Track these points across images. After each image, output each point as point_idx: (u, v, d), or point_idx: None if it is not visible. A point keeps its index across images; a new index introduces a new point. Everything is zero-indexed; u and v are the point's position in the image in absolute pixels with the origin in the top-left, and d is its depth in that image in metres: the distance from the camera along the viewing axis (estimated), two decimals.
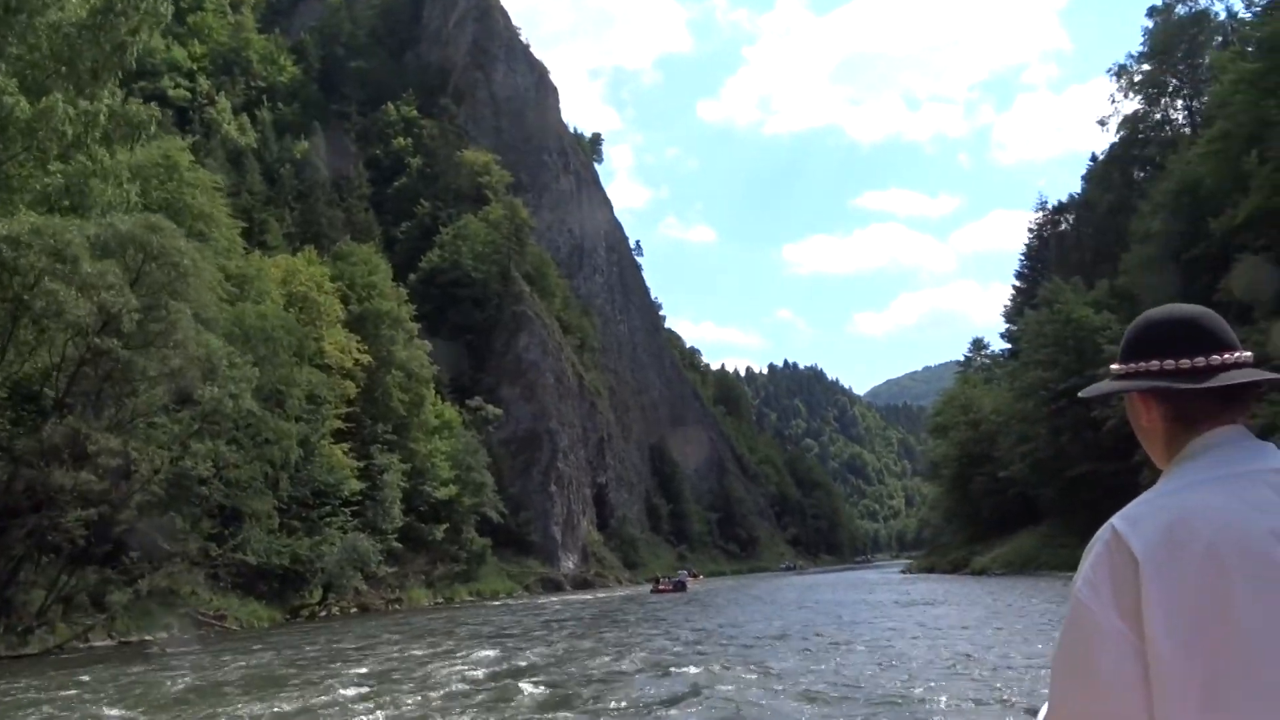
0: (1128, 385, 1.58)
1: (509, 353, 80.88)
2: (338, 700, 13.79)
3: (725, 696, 12.09)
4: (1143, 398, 1.59)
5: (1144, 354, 1.57)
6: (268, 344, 33.21)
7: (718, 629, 24.21)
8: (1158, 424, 1.58)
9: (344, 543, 42.54)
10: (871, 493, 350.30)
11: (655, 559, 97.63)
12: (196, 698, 15.77)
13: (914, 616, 24.33)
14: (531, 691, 13.40)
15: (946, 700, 10.99)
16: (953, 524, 60.26)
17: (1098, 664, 1.38)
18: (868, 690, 12.15)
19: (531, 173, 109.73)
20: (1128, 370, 1.59)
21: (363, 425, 52.50)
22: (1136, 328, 1.62)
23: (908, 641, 17.85)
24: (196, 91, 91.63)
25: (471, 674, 15.92)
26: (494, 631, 27.76)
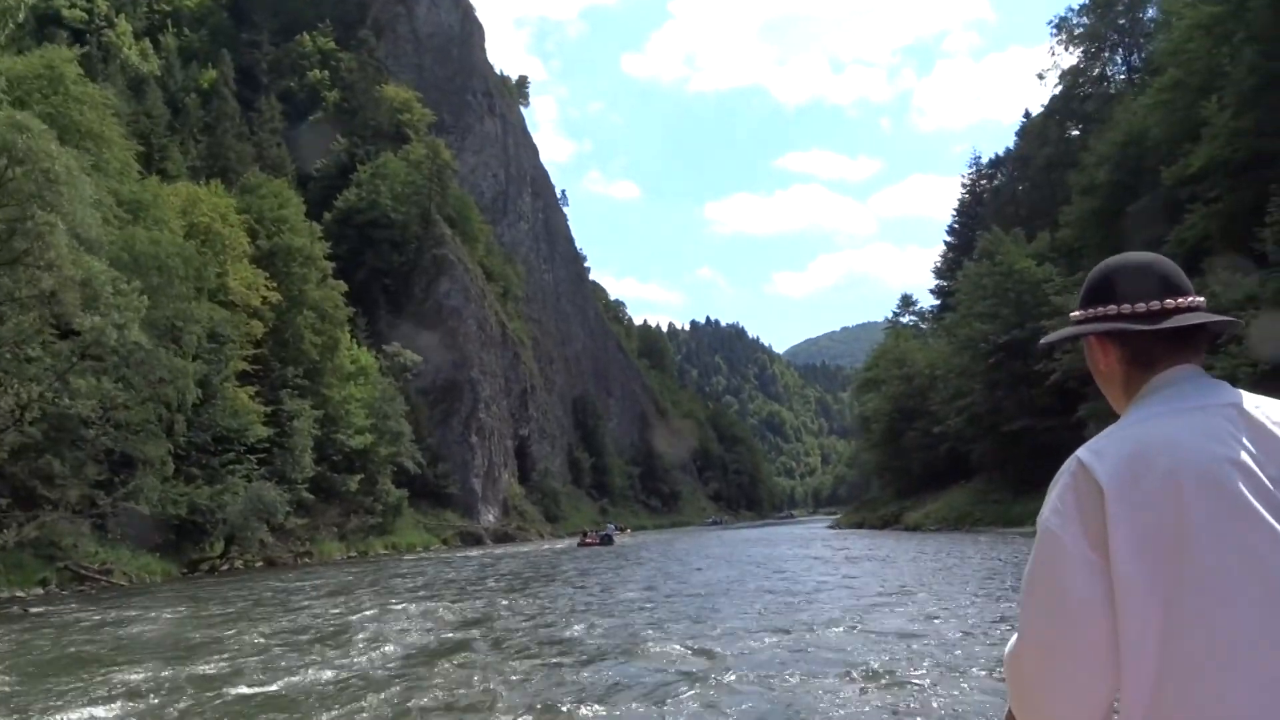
0: (1086, 329, 1.63)
1: (429, 298, 77.56)
2: (234, 667, 11.53)
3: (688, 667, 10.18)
4: (1100, 341, 1.64)
5: (1102, 299, 1.62)
6: (161, 272, 29.97)
7: (663, 584, 22.37)
8: (1115, 366, 1.63)
9: (248, 492, 39.58)
10: (789, 450, 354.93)
11: (577, 513, 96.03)
12: (68, 664, 13.33)
13: (868, 572, 22.82)
14: (469, 657, 11.31)
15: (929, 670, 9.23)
16: (882, 479, 59.62)
17: (1067, 590, 1.42)
18: (847, 658, 10.34)
19: (455, 113, 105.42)
20: (1086, 315, 1.63)
21: (271, 369, 49.24)
22: (1094, 274, 1.66)
23: (870, 599, 16.20)
24: (94, 13, 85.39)
25: (399, 637, 13.74)
26: (417, 587, 25.53)
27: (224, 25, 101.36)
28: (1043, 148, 59.47)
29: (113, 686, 10.90)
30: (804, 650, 11.16)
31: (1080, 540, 1.42)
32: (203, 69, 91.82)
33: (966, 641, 11.28)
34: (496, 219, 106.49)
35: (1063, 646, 1.43)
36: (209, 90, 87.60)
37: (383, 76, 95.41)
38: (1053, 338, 1.79)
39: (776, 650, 11.20)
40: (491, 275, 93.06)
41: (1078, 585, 1.41)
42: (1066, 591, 1.42)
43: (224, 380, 42.07)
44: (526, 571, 31.93)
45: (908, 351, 57.87)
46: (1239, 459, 1.42)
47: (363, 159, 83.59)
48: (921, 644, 11.19)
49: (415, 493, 63.87)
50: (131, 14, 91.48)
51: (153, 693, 10.38)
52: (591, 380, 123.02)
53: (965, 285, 47.17)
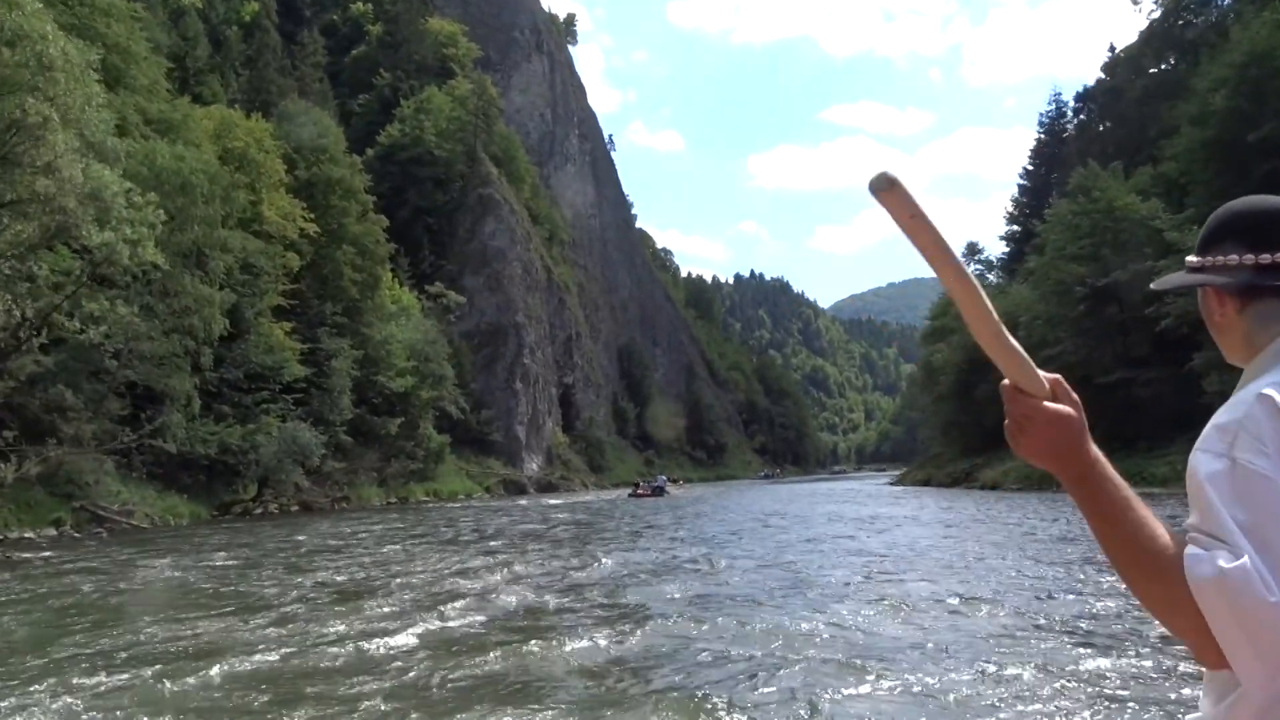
0: (1201, 279, 1.50)
1: (474, 239, 74.80)
2: (246, 627, 8.96)
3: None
4: (1217, 293, 1.50)
5: (1220, 248, 1.48)
6: (185, 191, 27.33)
7: (748, 543, 19.54)
8: (1234, 319, 1.48)
9: (282, 433, 37.31)
10: (832, 405, 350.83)
11: (621, 464, 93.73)
12: (60, 616, 11.00)
13: (979, 536, 19.79)
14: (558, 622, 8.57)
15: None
16: (948, 435, 56.20)
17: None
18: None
19: (501, 50, 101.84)
20: (1203, 264, 1.50)
21: (309, 306, 46.86)
22: (1216, 218, 1.52)
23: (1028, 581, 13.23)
24: None
25: (468, 600, 11.03)
26: (466, 537, 22.96)
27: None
28: (1135, 79, 54.95)
29: (92, 648, 8.42)
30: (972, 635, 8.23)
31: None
32: (244, 2, 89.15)
33: None
34: (543, 161, 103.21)
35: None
36: (250, 23, 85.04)
37: (428, 10, 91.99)
38: (1167, 284, 1.57)
39: (928, 631, 8.29)
40: (537, 218, 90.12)
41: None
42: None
43: (258, 315, 39.75)
44: (583, 521, 29.30)
45: None
46: None
47: (406, 94, 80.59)
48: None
49: (457, 439, 61.68)
50: None
51: (136, 660, 7.88)
52: (638, 329, 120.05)
53: (1054, 225, 43.23)
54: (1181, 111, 42.74)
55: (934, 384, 58.83)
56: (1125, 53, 58.89)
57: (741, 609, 10.46)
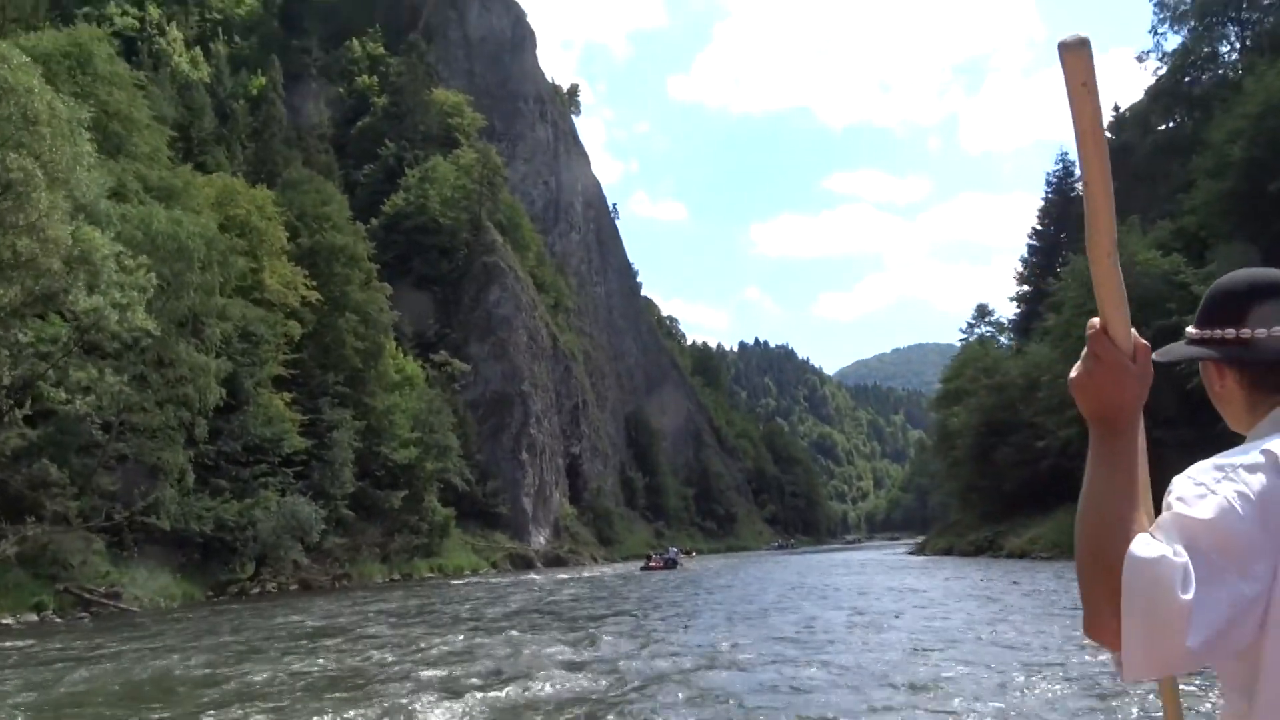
0: (1200, 353, 1.52)
1: (478, 307, 73.92)
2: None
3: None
4: (1216, 365, 1.53)
5: (1220, 320, 1.50)
6: (181, 256, 26.29)
7: (777, 632, 17.95)
8: (1234, 390, 1.51)
9: (281, 507, 35.79)
10: (840, 473, 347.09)
11: (631, 535, 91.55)
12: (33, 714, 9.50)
13: (1039, 613, 18.20)
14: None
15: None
16: (967, 501, 54.38)
17: (1245, 559, 1.25)
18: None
19: (506, 120, 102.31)
20: (1202, 336, 1.52)
21: (310, 375, 45.68)
22: (1213, 291, 1.55)
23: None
24: (146, 21, 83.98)
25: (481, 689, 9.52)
26: (473, 618, 21.34)
27: (274, 33, 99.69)
28: (1145, 136, 54.37)
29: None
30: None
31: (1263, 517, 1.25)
32: (252, 76, 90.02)
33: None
34: (547, 229, 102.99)
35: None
36: (257, 96, 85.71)
37: (432, 80, 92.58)
38: (1168, 356, 1.56)
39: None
40: (542, 286, 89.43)
41: (1246, 546, 1.23)
42: (1245, 558, 1.23)
43: (257, 385, 38.51)
44: (599, 599, 27.60)
45: (997, 359, 52.75)
46: None
47: (411, 163, 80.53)
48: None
49: (463, 512, 59.97)
50: (183, 22, 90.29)
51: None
52: (645, 397, 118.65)
53: (1072, 282, 42.14)
54: (1197, 165, 41.96)
55: (949, 449, 57.21)
56: (1131, 111, 58.46)
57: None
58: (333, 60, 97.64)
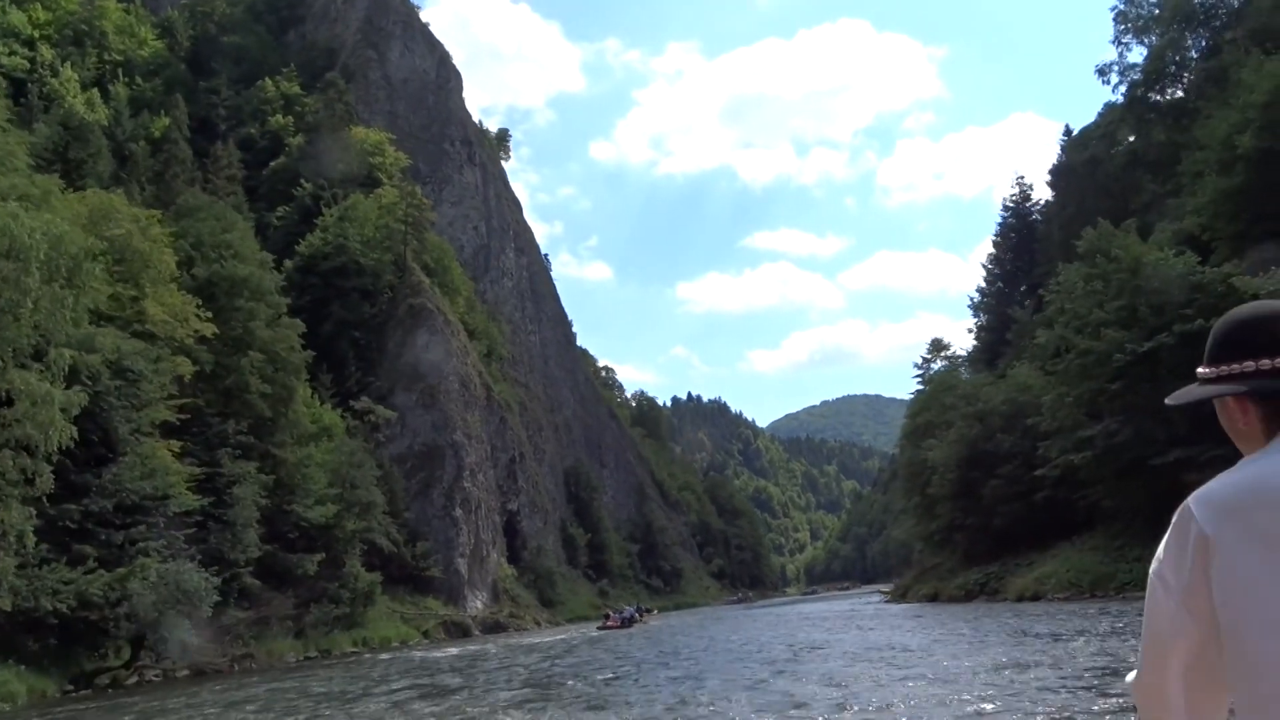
0: (1225, 389, 1.51)
1: (405, 353, 68.00)
2: None
3: None
4: (1239, 401, 1.53)
5: (1237, 354, 1.50)
6: (14, 257, 20.57)
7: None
8: (1256, 426, 1.52)
9: (162, 576, 29.50)
10: (777, 526, 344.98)
11: (574, 596, 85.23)
12: None
13: None
14: None
15: None
16: (950, 541, 49.73)
17: (1163, 636, 1.52)
18: None
19: (431, 163, 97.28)
20: (1221, 373, 1.52)
21: (207, 423, 39.53)
22: (1227, 326, 1.55)
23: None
24: (37, 61, 77.78)
25: None
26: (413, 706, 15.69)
27: (181, 75, 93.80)
28: (1112, 149, 51.66)
29: None
30: None
31: (1175, 590, 1.47)
32: (154, 118, 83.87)
33: None
34: (478, 275, 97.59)
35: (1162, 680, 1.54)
36: (160, 138, 79.54)
37: (352, 119, 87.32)
38: (1186, 398, 1.59)
39: None
40: (474, 333, 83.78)
41: (1170, 630, 1.48)
42: (1162, 638, 1.50)
43: (136, 431, 32.34)
44: (562, 674, 22.02)
45: (977, 386, 48.65)
46: None
47: (329, 203, 74.76)
48: None
49: (390, 577, 53.48)
50: (79, 64, 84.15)
51: None
52: (584, 450, 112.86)
53: (1066, 294, 38.25)
54: (1189, 167, 38.83)
55: (921, 485, 52.76)
56: (1101, 127, 55.69)
57: None
58: (244, 100, 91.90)
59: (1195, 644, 1.45)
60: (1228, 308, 1.76)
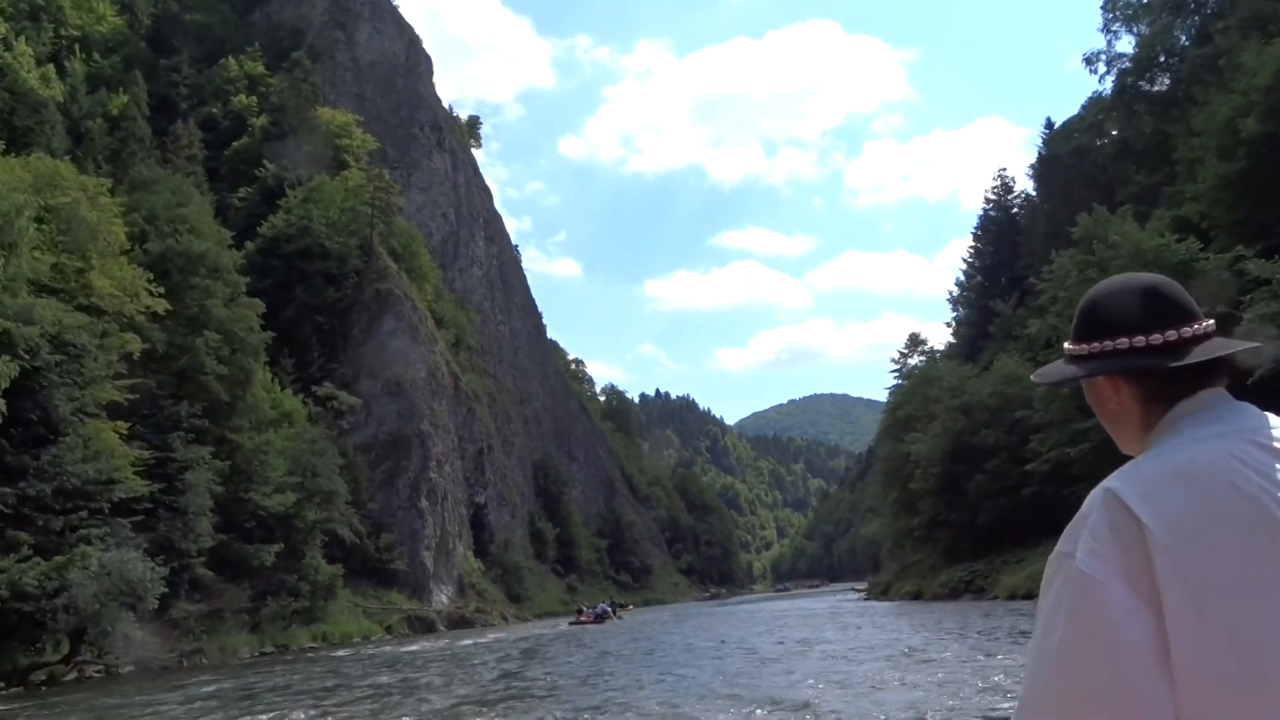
0: (1100, 367, 1.43)
1: (370, 339, 65.85)
2: None
3: None
4: (1110, 380, 1.46)
5: (1108, 332, 1.43)
6: None
7: None
8: (1130, 405, 1.45)
9: (104, 566, 27.43)
10: (744, 523, 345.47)
11: (541, 591, 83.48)
12: None
13: None
14: None
15: None
16: (932, 538, 48.40)
17: (1120, 651, 1.20)
18: None
19: (400, 147, 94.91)
20: (1092, 350, 1.44)
21: (158, 405, 37.35)
22: (1095, 301, 1.47)
23: None
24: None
25: None
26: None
27: (141, 53, 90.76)
28: (1098, 141, 50.75)
29: None
30: None
31: (1127, 590, 1.21)
32: (113, 95, 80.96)
33: None
34: (447, 263, 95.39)
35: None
36: (118, 116, 76.73)
37: (318, 100, 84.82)
38: (1054, 377, 1.49)
39: None
40: (442, 322, 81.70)
41: (1131, 643, 1.19)
42: (1119, 652, 1.19)
43: (79, 410, 30.20)
44: (557, 672, 20.33)
45: (962, 379, 47.46)
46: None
47: (293, 184, 72.39)
48: None
49: (352, 570, 51.45)
50: (35, 38, 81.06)
51: None
52: (553, 443, 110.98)
53: (1059, 282, 37.03)
54: (1185, 154, 37.75)
55: (902, 480, 51.53)
56: (1087, 118, 54.69)
57: None
58: (206, 80, 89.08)
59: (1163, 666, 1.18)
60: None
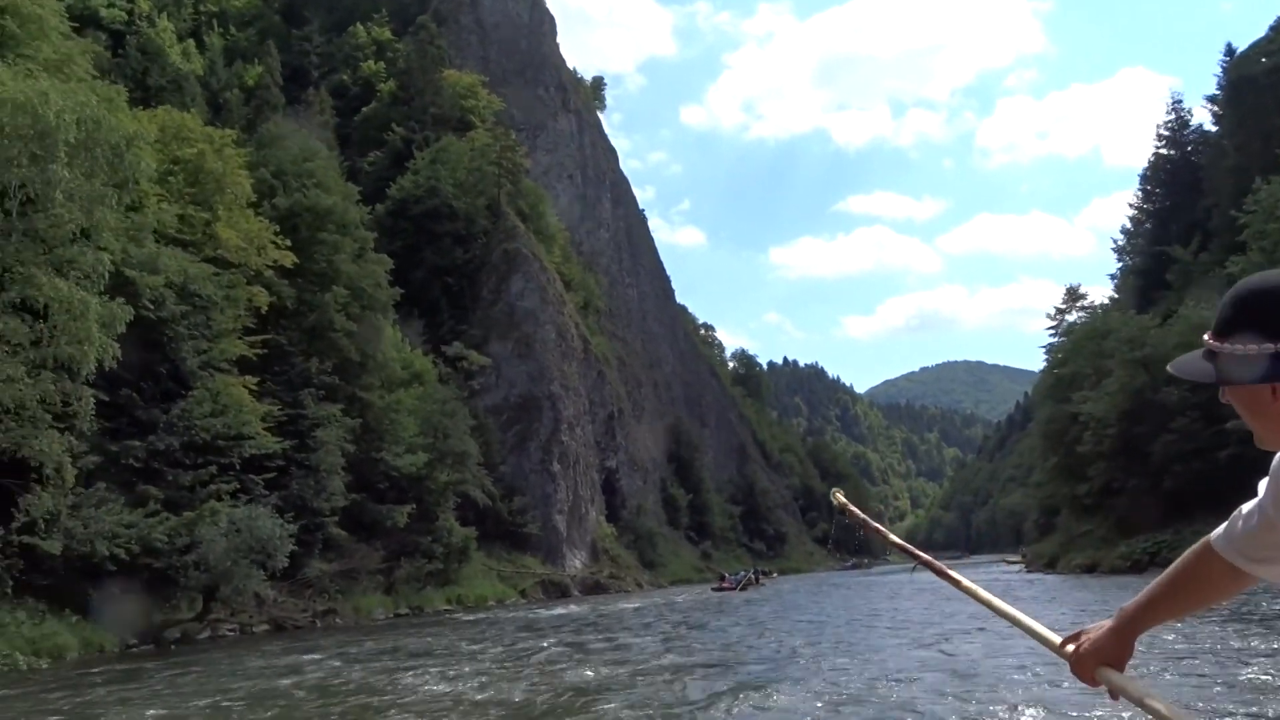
0: (1262, 371, 1.33)
1: (499, 300, 64.82)
2: None
3: None
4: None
5: (1246, 333, 1.34)
6: (41, 139, 17.28)
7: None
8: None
9: (232, 522, 26.52)
10: (876, 493, 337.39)
11: (675, 558, 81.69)
12: None
13: None
14: None
15: None
16: (1105, 507, 43.92)
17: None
18: None
19: (525, 109, 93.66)
20: (1252, 351, 1.34)
21: (289, 362, 36.63)
22: (1241, 299, 1.37)
23: None
24: (135, 14, 76.68)
25: None
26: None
27: (274, 25, 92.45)
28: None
29: None
30: None
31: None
32: (248, 67, 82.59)
33: None
34: (574, 225, 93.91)
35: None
36: (254, 87, 78.15)
37: (444, 63, 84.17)
38: (1199, 375, 1.41)
39: None
40: (570, 284, 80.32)
41: None
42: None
43: (206, 364, 29.39)
44: (705, 646, 18.09)
45: (1142, 329, 42.55)
46: None
47: (420, 146, 71.92)
48: None
49: (485, 533, 50.51)
50: (175, 14, 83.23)
51: None
52: (684, 408, 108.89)
53: (1267, 215, 32.25)
54: None
55: (1067, 443, 47.02)
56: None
57: None
58: (336, 48, 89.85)
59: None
60: None
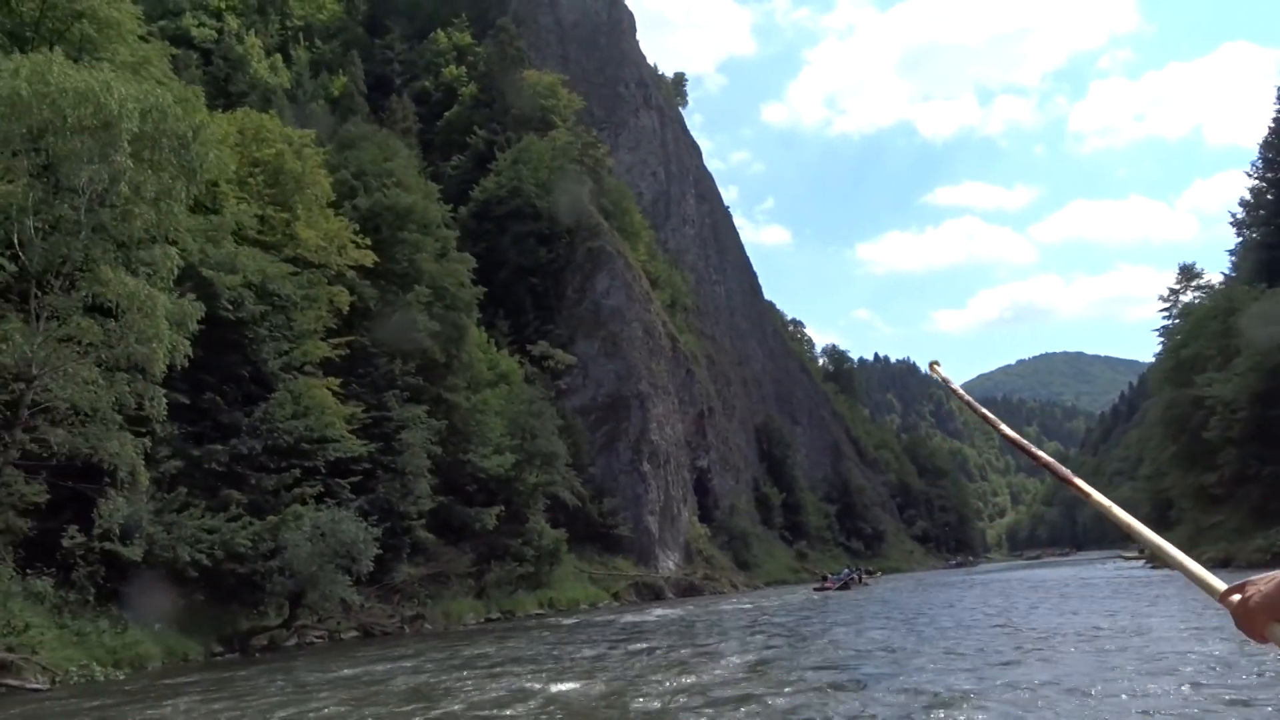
0: None
1: (585, 299, 63.86)
2: None
3: None
4: None
5: None
6: (104, 128, 16.61)
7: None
8: None
9: (316, 526, 25.80)
10: (974, 489, 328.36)
11: (770, 559, 79.64)
12: None
13: None
14: None
15: None
16: (1235, 496, 40.77)
17: None
18: None
19: (606, 107, 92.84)
20: None
21: (373, 363, 36.06)
22: None
23: None
24: (224, 31, 78.38)
25: None
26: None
27: (358, 37, 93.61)
28: None
29: None
30: None
31: None
32: (333, 78, 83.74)
33: None
34: (658, 223, 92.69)
35: None
36: (339, 97, 79.21)
37: (524, 63, 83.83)
38: None
39: None
40: (656, 282, 79.03)
41: None
42: None
43: (287, 366, 28.83)
44: (826, 653, 16.52)
45: (1277, 304, 39.23)
46: None
47: (503, 147, 71.55)
48: None
49: (575, 535, 49.40)
50: (263, 30, 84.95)
51: None
52: (774, 406, 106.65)
53: None
54: None
55: (1192, 429, 43.77)
56: None
57: None
58: (417, 55, 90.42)
59: None
60: None
